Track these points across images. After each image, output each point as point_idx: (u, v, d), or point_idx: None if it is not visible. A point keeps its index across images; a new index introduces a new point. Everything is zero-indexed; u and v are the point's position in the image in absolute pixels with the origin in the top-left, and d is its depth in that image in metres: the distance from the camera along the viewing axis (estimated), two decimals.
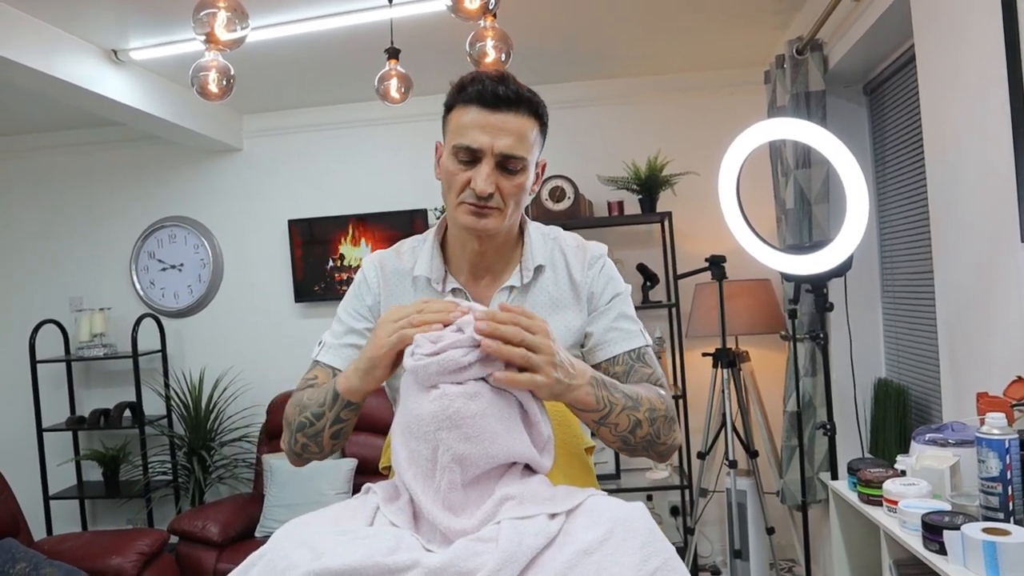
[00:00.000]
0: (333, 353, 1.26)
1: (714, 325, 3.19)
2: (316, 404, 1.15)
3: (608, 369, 1.23)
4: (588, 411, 1.08)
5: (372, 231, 3.97)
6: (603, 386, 1.08)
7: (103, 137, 4.16)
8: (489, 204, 1.15)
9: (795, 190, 2.89)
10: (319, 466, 3.39)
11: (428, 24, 2.80)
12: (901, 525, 1.57)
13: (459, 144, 1.14)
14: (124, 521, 4.13)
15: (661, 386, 1.23)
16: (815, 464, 3.02)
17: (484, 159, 1.14)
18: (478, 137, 1.13)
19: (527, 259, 1.25)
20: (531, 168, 1.20)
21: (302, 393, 1.21)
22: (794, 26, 3.11)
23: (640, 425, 1.12)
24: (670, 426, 1.17)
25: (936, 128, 2.07)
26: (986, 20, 1.71)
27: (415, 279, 1.27)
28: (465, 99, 1.15)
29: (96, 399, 4.17)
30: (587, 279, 1.26)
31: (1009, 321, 1.72)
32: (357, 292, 1.29)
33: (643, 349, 1.25)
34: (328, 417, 1.14)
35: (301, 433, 1.17)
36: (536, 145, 1.19)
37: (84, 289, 4.23)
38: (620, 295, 1.28)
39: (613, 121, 3.87)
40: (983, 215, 1.82)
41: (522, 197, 1.20)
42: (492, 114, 1.13)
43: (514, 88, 1.15)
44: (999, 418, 1.46)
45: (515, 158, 1.15)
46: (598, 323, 1.25)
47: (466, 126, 1.14)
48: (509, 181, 1.16)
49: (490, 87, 1.13)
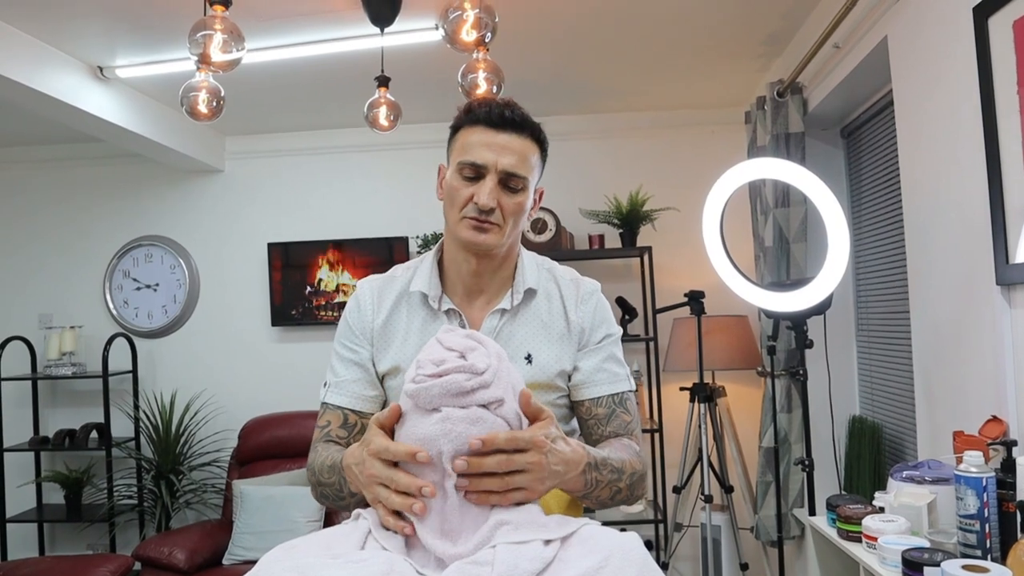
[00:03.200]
0: (338, 392, 1.26)
1: (692, 360, 3.22)
2: (334, 488, 1.16)
3: (591, 409, 1.26)
4: (574, 492, 1.10)
5: (352, 257, 3.96)
6: (594, 468, 1.09)
7: (82, 153, 4.12)
8: (490, 219, 1.19)
9: (774, 229, 2.94)
10: (290, 493, 3.34)
11: (415, 54, 2.83)
12: (881, 561, 1.58)
13: (464, 160, 1.19)
14: (84, 546, 4.01)
15: (636, 436, 1.27)
16: (790, 500, 3.04)
17: (488, 175, 1.18)
18: (483, 154, 1.18)
19: (518, 282, 1.27)
20: (531, 190, 1.24)
21: (317, 457, 1.21)
22: (775, 69, 3.20)
23: (620, 492, 1.16)
24: (642, 482, 1.21)
25: (913, 171, 2.13)
26: (962, 68, 1.77)
27: (410, 296, 1.28)
28: (472, 120, 1.21)
29: (62, 419, 4.07)
30: (580, 315, 1.28)
31: (984, 361, 1.76)
32: (350, 321, 1.30)
33: (626, 395, 1.29)
34: (346, 495, 1.15)
35: (326, 500, 1.20)
36: (536, 169, 1.24)
37: (55, 306, 4.15)
38: (612, 336, 1.31)
39: (596, 156, 3.92)
40: (959, 257, 1.87)
41: (521, 217, 1.23)
42: (498, 134, 1.19)
43: (520, 112, 1.21)
44: (977, 456, 1.48)
45: (517, 176, 1.19)
46: (588, 360, 1.27)
47: (472, 144, 1.19)
48: (510, 199, 1.20)
49: (497, 110, 1.19)
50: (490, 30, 2.07)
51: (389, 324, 1.27)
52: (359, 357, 1.27)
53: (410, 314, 1.27)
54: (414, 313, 1.27)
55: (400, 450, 0.97)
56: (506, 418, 1.00)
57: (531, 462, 0.97)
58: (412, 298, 1.28)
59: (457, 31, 2.05)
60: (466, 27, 2.04)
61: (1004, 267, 1.64)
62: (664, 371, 3.53)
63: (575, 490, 1.09)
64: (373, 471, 1.00)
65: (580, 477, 1.06)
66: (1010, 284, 1.65)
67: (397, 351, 1.26)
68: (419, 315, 1.27)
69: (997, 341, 1.69)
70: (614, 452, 1.17)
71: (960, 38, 1.78)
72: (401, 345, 1.26)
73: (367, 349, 1.27)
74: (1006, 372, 1.66)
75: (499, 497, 0.96)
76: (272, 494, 3.34)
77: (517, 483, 0.97)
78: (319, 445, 1.24)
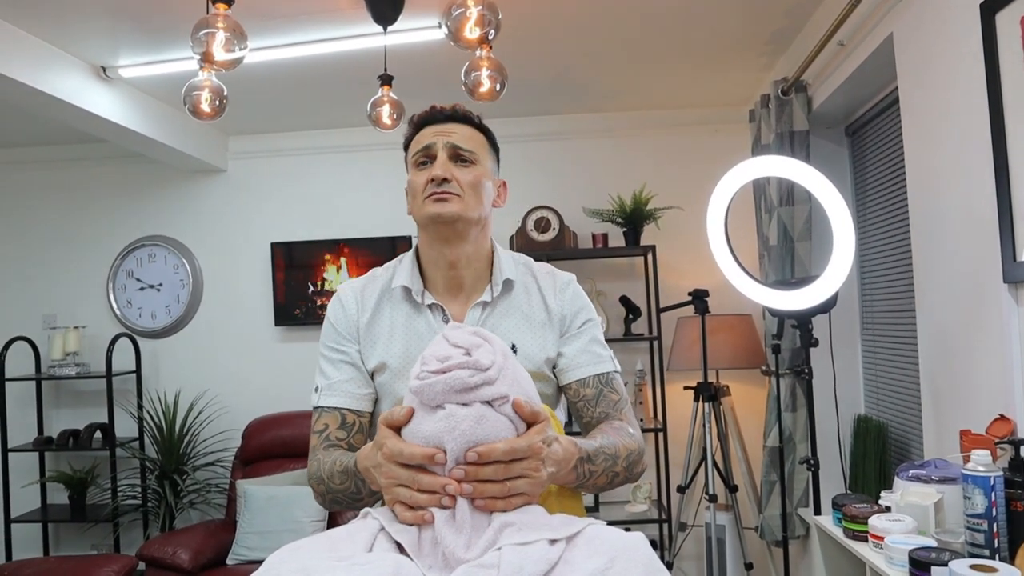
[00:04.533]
0: (331, 393, 1.27)
1: (696, 359, 3.21)
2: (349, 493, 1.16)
3: (578, 391, 1.29)
4: (566, 485, 1.12)
5: (355, 256, 3.96)
6: (586, 461, 1.11)
7: (85, 153, 4.12)
8: (448, 190, 1.23)
9: (778, 227, 2.93)
10: (294, 493, 3.33)
11: (418, 52, 2.83)
12: (887, 561, 1.57)
13: (416, 150, 1.27)
14: (89, 547, 4.01)
15: (626, 415, 1.29)
16: (794, 499, 3.03)
17: (437, 153, 1.25)
18: (430, 138, 1.26)
19: (496, 274, 1.31)
20: (486, 168, 1.29)
21: (322, 465, 1.20)
22: (779, 67, 3.19)
23: (617, 476, 1.18)
24: (640, 460, 1.24)
25: (919, 169, 2.12)
26: (969, 65, 1.76)
27: (392, 292, 1.30)
28: (416, 124, 1.30)
29: (66, 419, 4.07)
30: (559, 302, 1.32)
31: (991, 360, 1.75)
32: (334, 322, 1.31)
33: (612, 374, 1.32)
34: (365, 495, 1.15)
35: (338, 505, 1.20)
36: (486, 153, 1.30)
37: (58, 306, 4.15)
38: (592, 321, 1.34)
39: (599, 154, 3.91)
40: (965, 255, 1.85)
41: (480, 191, 1.26)
42: (439, 125, 1.28)
43: (459, 108, 1.29)
44: (984, 455, 1.48)
45: (465, 150, 1.25)
46: (571, 345, 1.30)
47: (420, 138, 1.28)
48: (463, 171, 1.25)
49: (436, 110, 1.29)
50: (493, 27, 2.06)
51: (374, 322, 1.29)
52: (349, 357, 1.28)
53: (393, 310, 1.29)
54: (397, 309, 1.29)
55: (416, 453, 0.97)
56: (510, 416, 0.99)
57: (529, 468, 0.98)
58: (394, 294, 1.30)
59: (460, 29, 2.04)
60: (469, 24, 2.03)
61: (1011, 265, 1.63)
62: (668, 370, 3.52)
63: (567, 483, 1.10)
64: (392, 474, 0.99)
65: (571, 472, 1.08)
66: (1017, 282, 1.64)
67: (384, 348, 1.27)
68: (402, 310, 1.29)
69: (1004, 339, 1.68)
70: (607, 439, 1.18)
71: (967, 35, 1.77)
72: (387, 342, 1.27)
73: (354, 347, 1.28)
74: (1013, 370, 1.65)
75: (503, 503, 0.97)
76: (276, 494, 3.34)
77: (517, 488, 0.97)
78: (319, 452, 1.23)
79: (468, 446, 0.94)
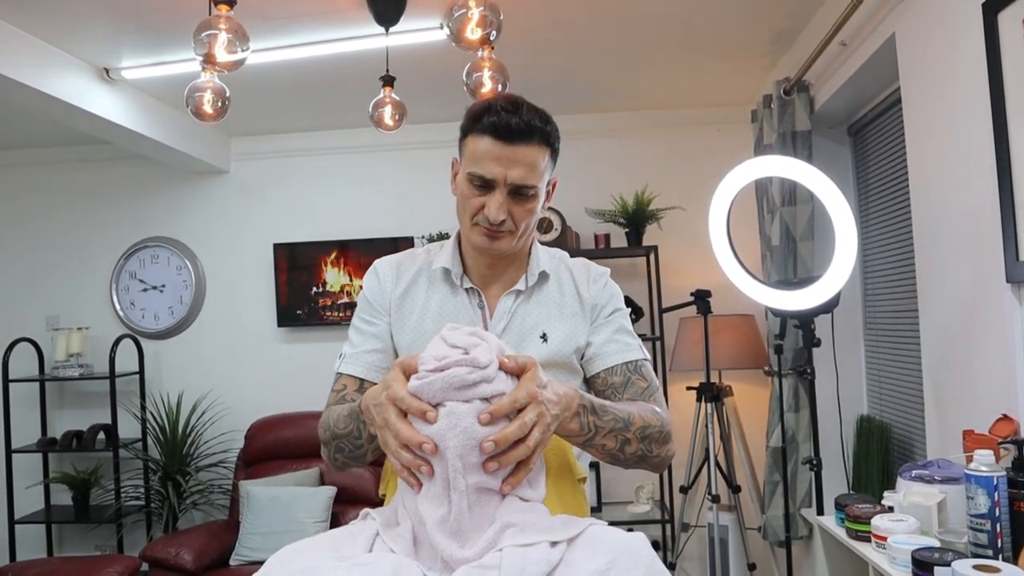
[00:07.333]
0: (354, 362, 1.28)
1: (698, 359, 3.21)
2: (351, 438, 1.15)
3: (606, 379, 1.27)
4: (571, 437, 1.11)
5: (357, 258, 3.96)
6: (590, 412, 1.10)
7: (88, 155, 4.13)
8: (501, 228, 1.20)
9: (781, 227, 2.93)
10: (297, 494, 3.34)
11: (420, 53, 2.83)
12: (890, 561, 1.57)
13: (473, 172, 1.19)
14: (92, 547, 4.02)
15: (656, 400, 1.27)
16: (797, 500, 3.02)
17: (497, 188, 1.18)
18: (492, 168, 1.17)
19: (532, 266, 1.31)
20: (542, 191, 1.24)
21: (331, 413, 1.21)
22: (781, 67, 3.19)
23: (628, 443, 1.15)
24: (664, 441, 1.20)
25: (922, 169, 2.11)
26: (971, 64, 1.76)
27: (431, 272, 1.31)
28: (480, 129, 1.18)
29: (69, 420, 4.07)
30: (591, 292, 1.32)
31: (994, 359, 1.74)
32: (368, 295, 1.32)
33: (640, 362, 1.30)
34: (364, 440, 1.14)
35: (341, 454, 1.20)
36: (547, 170, 1.24)
37: (61, 308, 4.16)
38: (620, 310, 1.34)
39: (601, 155, 3.91)
40: (968, 255, 1.85)
41: (533, 218, 1.24)
42: (505, 146, 1.16)
43: (527, 119, 1.17)
44: (987, 455, 1.47)
45: (527, 187, 1.19)
46: (599, 334, 1.30)
47: (480, 155, 1.18)
48: (521, 207, 1.21)
49: (504, 119, 1.16)
50: (495, 28, 2.06)
51: (407, 297, 1.30)
52: (377, 329, 1.29)
53: (429, 289, 1.30)
54: (434, 288, 1.30)
55: (414, 406, 0.98)
56: None
57: (537, 414, 0.99)
58: (434, 274, 1.30)
59: (462, 29, 2.04)
60: (471, 25, 2.03)
61: (1014, 264, 1.62)
62: (671, 371, 3.52)
63: (572, 434, 1.09)
64: (386, 416, 1.00)
65: (575, 419, 1.07)
66: (1020, 282, 1.63)
67: (415, 325, 1.27)
68: (439, 291, 1.29)
69: (1007, 339, 1.67)
70: (622, 405, 1.17)
71: (969, 34, 1.76)
72: (419, 319, 1.28)
73: (385, 321, 1.29)
74: (1016, 370, 1.64)
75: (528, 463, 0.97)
76: (279, 495, 3.34)
77: (535, 439, 0.98)
78: (332, 406, 1.24)
79: (470, 443, 0.95)
